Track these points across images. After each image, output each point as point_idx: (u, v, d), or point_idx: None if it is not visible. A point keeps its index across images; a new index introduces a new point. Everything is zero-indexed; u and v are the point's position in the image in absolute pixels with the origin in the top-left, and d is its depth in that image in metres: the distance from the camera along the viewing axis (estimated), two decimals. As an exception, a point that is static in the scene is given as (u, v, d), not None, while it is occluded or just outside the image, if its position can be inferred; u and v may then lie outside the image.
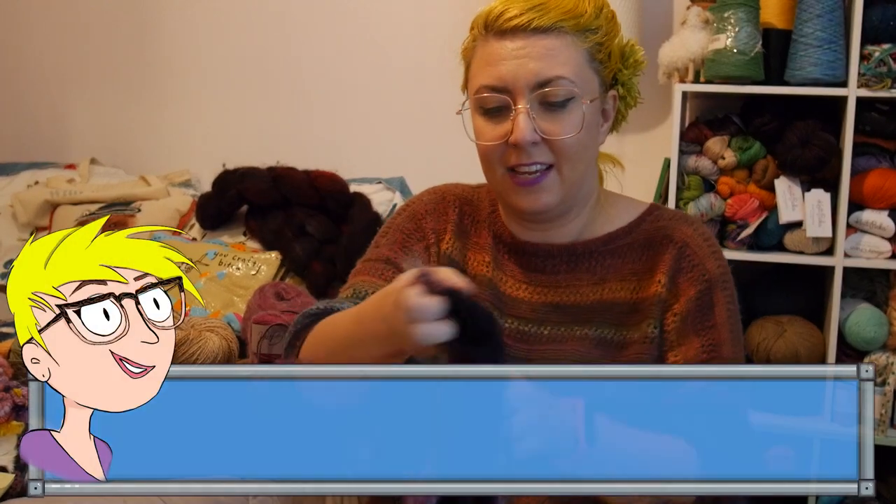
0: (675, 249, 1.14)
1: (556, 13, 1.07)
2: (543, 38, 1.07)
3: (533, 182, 1.09)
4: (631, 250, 1.16)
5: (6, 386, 1.48)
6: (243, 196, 2.52)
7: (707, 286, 1.12)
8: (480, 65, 1.11)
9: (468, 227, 1.23)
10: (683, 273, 1.13)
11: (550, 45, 1.07)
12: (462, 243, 1.22)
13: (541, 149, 1.08)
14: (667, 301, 1.12)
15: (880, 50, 2.07)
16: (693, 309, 1.11)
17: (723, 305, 1.12)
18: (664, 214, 1.20)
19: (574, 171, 1.11)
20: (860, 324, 2.14)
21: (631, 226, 1.18)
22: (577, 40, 1.08)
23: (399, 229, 1.24)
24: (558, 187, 1.10)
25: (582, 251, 1.16)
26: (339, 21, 2.82)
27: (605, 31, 1.11)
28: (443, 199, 1.25)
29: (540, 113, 1.07)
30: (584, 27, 1.09)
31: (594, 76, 1.11)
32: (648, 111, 2.61)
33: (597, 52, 1.11)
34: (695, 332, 1.10)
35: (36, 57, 3.11)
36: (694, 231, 1.16)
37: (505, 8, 1.08)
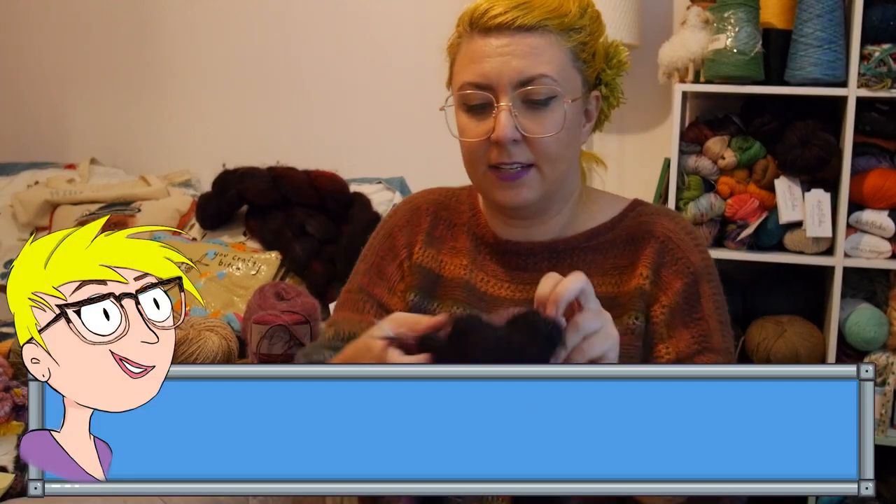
0: (658, 243, 1.15)
1: (541, 12, 1.07)
2: (527, 37, 1.07)
3: (514, 177, 1.10)
4: (613, 246, 1.17)
5: (6, 386, 1.48)
6: (243, 196, 2.52)
7: (692, 279, 1.13)
8: (464, 62, 1.11)
9: (443, 232, 1.24)
10: (667, 266, 1.14)
11: (534, 43, 1.07)
12: (436, 249, 1.23)
13: (521, 147, 1.09)
14: (652, 294, 1.13)
15: (880, 50, 2.07)
16: (680, 301, 1.12)
17: (709, 297, 1.13)
18: (646, 210, 1.20)
19: (554, 170, 1.11)
20: (860, 324, 2.14)
21: (613, 221, 1.19)
22: (560, 39, 1.09)
23: (375, 251, 1.26)
24: (538, 184, 1.11)
25: (564, 248, 1.17)
26: (339, 21, 2.82)
27: (589, 30, 1.12)
28: (416, 210, 1.27)
29: (522, 111, 1.08)
30: (568, 26, 1.09)
31: (577, 75, 1.11)
32: (648, 111, 2.61)
33: (580, 52, 1.11)
34: (683, 325, 1.11)
35: (36, 57, 3.11)
36: (676, 225, 1.17)
37: (490, 5, 1.09)
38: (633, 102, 2.64)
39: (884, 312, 2.18)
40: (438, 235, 1.24)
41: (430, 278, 1.22)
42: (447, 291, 1.20)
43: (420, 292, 1.21)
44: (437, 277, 1.22)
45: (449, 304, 1.18)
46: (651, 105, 2.60)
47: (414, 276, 1.22)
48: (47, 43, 3.09)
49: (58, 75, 3.09)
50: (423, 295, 1.21)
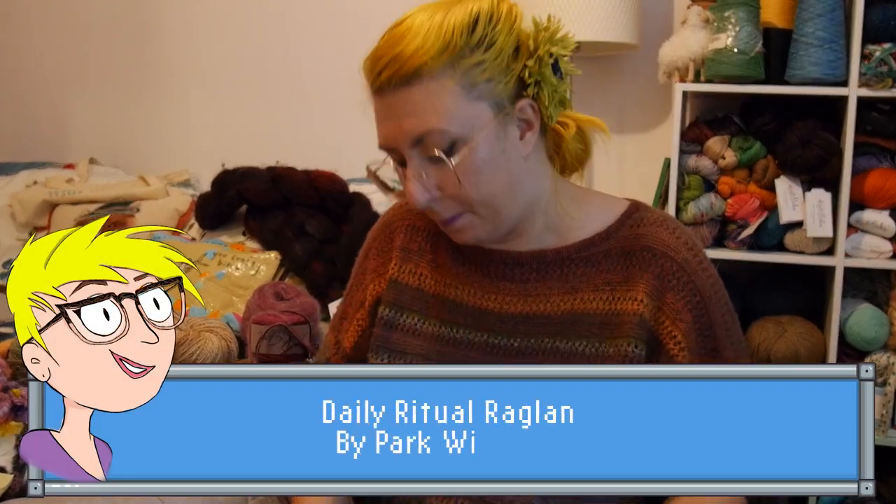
0: (658, 267, 1.07)
1: (415, 59, 0.95)
2: (407, 91, 0.96)
3: (452, 222, 1.04)
4: (607, 258, 1.09)
5: (6, 386, 1.48)
6: (243, 196, 2.52)
7: (702, 308, 1.07)
8: (376, 119, 1.03)
9: (422, 245, 1.17)
10: (674, 293, 1.06)
11: (414, 98, 0.96)
12: (413, 264, 1.16)
13: (446, 202, 1.02)
14: (658, 322, 1.06)
15: (881, 49, 2.07)
16: (694, 335, 1.06)
17: (720, 323, 1.09)
18: (644, 219, 1.11)
19: (493, 205, 1.02)
20: (861, 324, 2.14)
21: (609, 231, 1.10)
22: (442, 79, 0.96)
23: (354, 276, 1.24)
24: (483, 223, 1.04)
25: (553, 258, 1.10)
26: (339, 21, 2.82)
27: (486, 43, 0.97)
28: (388, 227, 1.21)
29: (430, 169, 0.99)
30: (452, 58, 0.96)
31: (479, 103, 0.98)
32: (648, 111, 2.61)
33: (478, 76, 0.97)
34: (699, 357, 1.06)
35: (36, 57, 3.11)
36: (676, 240, 1.09)
37: (371, 63, 1.00)
38: (633, 102, 2.66)
39: (884, 312, 2.18)
40: (416, 249, 1.17)
41: (406, 293, 1.15)
42: (429, 308, 1.13)
43: (394, 307, 1.15)
44: (416, 291, 1.15)
45: (433, 322, 1.12)
46: (651, 105, 2.60)
47: (389, 292, 1.16)
48: (47, 43, 3.09)
49: (58, 75, 3.09)
50: (398, 309, 1.14)
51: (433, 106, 0.96)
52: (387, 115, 1.00)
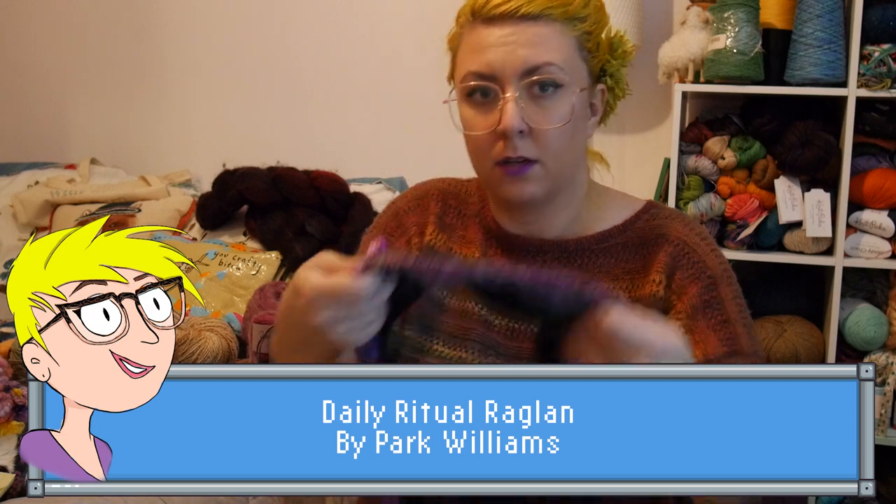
0: (672, 247, 1.12)
1: (545, 0, 1.05)
2: (532, 26, 1.04)
3: (519, 172, 1.08)
4: (624, 249, 1.14)
5: (6, 386, 1.48)
6: (243, 196, 2.52)
7: (710, 282, 1.11)
8: (467, 52, 1.09)
9: (453, 220, 1.21)
10: (683, 270, 1.11)
11: (539, 32, 1.05)
12: (447, 235, 1.20)
13: (527, 141, 1.07)
14: (667, 299, 1.11)
15: (880, 50, 2.07)
16: (699, 305, 1.09)
17: (731, 300, 1.11)
18: (660, 213, 1.17)
19: (559, 164, 1.09)
20: (860, 324, 2.15)
21: (626, 224, 1.16)
22: (565, 28, 1.06)
23: (382, 228, 1.23)
24: (544, 179, 1.09)
25: (574, 248, 1.15)
26: (339, 21, 2.82)
27: (593, 19, 1.09)
28: (425, 195, 1.24)
29: (528, 102, 1.05)
30: (572, 15, 1.06)
31: (583, 65, 1.09)
32: (648, 111, 2.61)
33: (585, 42, 1.08)
34: (708, 327, 1.08)
35: (38, 58, 3.11)
36: (690, 230, 1.14)
37: None
38: (634, 102, 2.65)
39: (883, 312, 2.18)
40: (449, 223, 1.21)
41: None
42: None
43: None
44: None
45: (459, 297, 1.15)
46: (651, 105, 2.60)
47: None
48: (47, 43, 3.09)
49: (58, 75, 3.09)
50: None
51: (555, 45, 1.05)
52: (501, 42, 1.05)
